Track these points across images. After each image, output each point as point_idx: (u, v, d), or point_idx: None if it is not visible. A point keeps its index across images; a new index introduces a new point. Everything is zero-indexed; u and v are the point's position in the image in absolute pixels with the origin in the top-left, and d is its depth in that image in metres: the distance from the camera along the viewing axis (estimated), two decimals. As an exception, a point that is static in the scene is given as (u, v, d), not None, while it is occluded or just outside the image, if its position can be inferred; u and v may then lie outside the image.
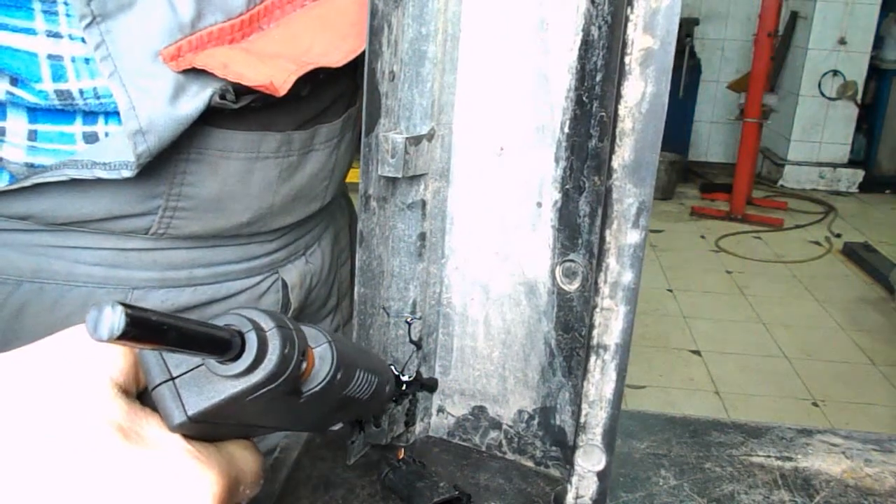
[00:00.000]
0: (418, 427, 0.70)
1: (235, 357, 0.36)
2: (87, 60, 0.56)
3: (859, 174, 6.38)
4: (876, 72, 6.26)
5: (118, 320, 0.28)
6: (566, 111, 0.59)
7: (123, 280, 0.67)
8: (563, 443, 0.65)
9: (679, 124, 6.61)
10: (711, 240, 5.13)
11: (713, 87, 6.83)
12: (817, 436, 0.74)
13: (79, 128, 0.60)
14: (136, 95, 0.56)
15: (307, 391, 0.42)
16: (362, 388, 0.48)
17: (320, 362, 0.42)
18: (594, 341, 0.53)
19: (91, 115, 0.60)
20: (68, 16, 0.55)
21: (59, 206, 0.62)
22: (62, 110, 0.59)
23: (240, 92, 0.60)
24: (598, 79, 0.56)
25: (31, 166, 0.60)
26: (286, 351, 0.37)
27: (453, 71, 0.61)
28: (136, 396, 0.39)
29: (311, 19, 0.64)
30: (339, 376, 0.43)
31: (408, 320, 0.66)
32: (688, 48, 6.40)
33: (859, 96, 6.17)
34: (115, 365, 0.38)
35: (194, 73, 0.58)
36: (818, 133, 6.34)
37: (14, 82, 0.57)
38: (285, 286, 0.78)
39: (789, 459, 0.70)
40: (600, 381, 0.53)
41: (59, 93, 0.57)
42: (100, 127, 0.60)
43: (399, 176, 0.58)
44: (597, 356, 0.53)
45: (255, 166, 0.67)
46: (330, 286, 0.88)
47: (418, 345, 0.67)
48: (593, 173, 0.58)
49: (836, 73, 6.14)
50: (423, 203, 0.63)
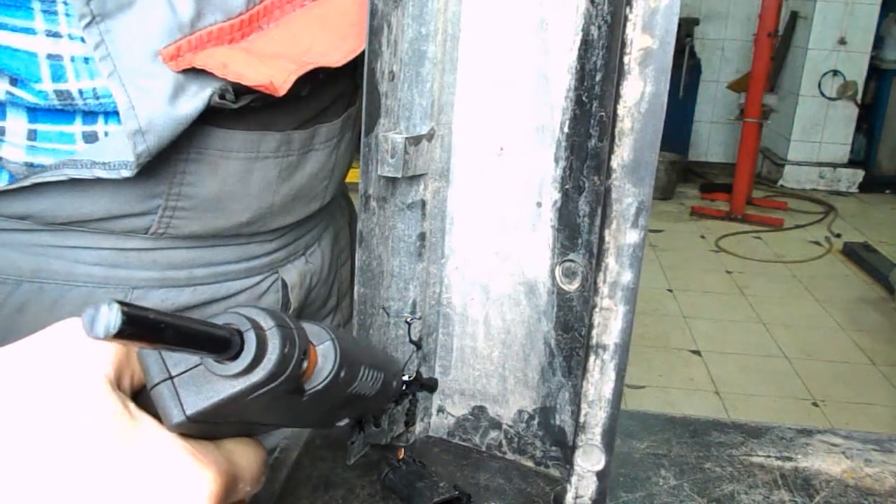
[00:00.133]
0: (418, 427, 0.70)
1: (234, 356, 0.35)
2: (87, 60, 0.56)
3: (859, 174, 6.38)
4: (876, 72, 6.26)
5: (115, 318, 0.28)
6: (566, 111, 0.59)
7: (123, 280, 0.67)
8: (562, 443, 0.65)
9: (679, 124, 6.61)
10: (711, 240, 5.13)
11: (713, 87, 6.83)
12: (817, 436, 0.74)
13: (78, 127, 0.60)
14: (135, 95, 0.56)
15: (310, 389, 0.41)
16: (368, 385, 0.48)
17: (323, 360, 0.42)
18: (593, 341, 0.53)
19: (91, 115, 0.60)
20: (68, 15, 0.55)
21: (58, 206, 0.62)
22: (62, 110, 0.59)
23: (239, 92, 0.60)
24: (598, 78, 0.56)
25: (30, 166, 0.60)
26: (286, 350, 0.37)
27: (453, 71, 0.61)
28: (135, 395, 0.39)
29: (310, 19, 0.64)
30: (342, 374, 0.43)
31: (408, 320, 0.66)
32: (688, 48, 6.40)
33: (859, 96, 6.17)
34: (110, 360, 0.37)
35: (194, 72, 0.58)
36: (818, 133, 6.34)
37: (14, 82, 0.57)
38: (285, 286, 0.78)
39: (789, 459, 0.70)
40: (599, 381, 0.53)
41: (58, 93, 0.57)
42: (99, 126, 0.60)
43: (399, 176, 0.58)
44: (596, 356, 0.53)
45: (255, 166, 0.67)
46: (330, 286, 0.88)
47: (418, 345, 0.67)
48: (593, 173, 0.58)
49: (836, 73, 6.14)
50: (423, 203, 0.63)
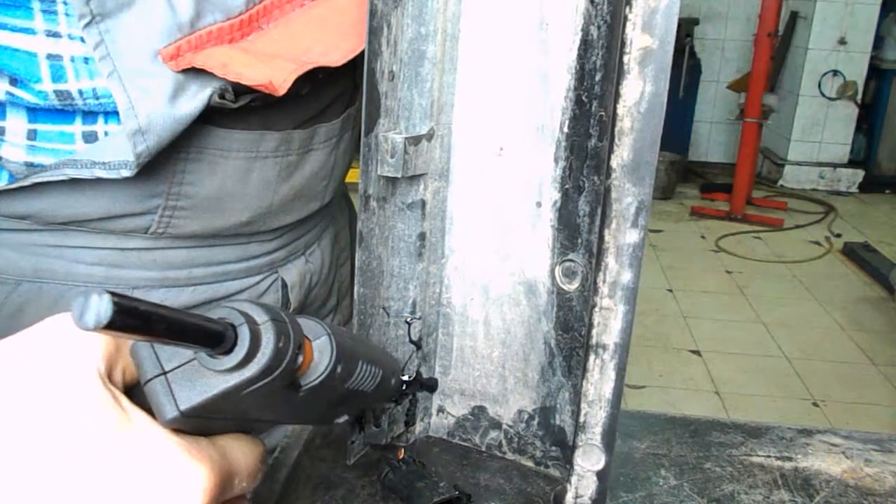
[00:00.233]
0: (418, 427, 0.70)
1: (228, 351, 0.35)
2: (87, 60, 0.56)
3: (859, 174, 6.38)
4: (876, 72, 6.26)
5: (105, 308, 0.27)
6: (565, 111, 0.59)
7: (123, 279, 0.67)
8: (562, 442, 0.65)
9: (679, 124, 6.61)
10: (711, 240, 5.13)
11: (713, 87, 6.83)
12: (817, 436, 0.74)
13: (78, 127, 0.60)
14: (135, 95, 0.56)
15: (306, 385, 0.41)
16: (366, 381, 0.48)
17: (319, 355, 0.41)
18: (593, 341, 0.53)
19: (90, 115, 0.60)
20: (67, 15, 0.55)
21: (58, 206, 0.62)
22: (62, 110, 0.59)
23: (239, 91, 0.60)
24: (598, 78, 0.56)
25: (30, 165, 0.60)
26: (280, 345, 0.36)
27: (453, 71, 0.61)
28: (128, 391, 0.39)
29: (310, 19, 0.64)
30: (339, 369, 0.42)
31: (407, 320, 0.66)
32: (688, 48, 6.40)
33: (859, 96, 6.17)
34: (101, 355, 0.37)
35: (193, 72, 0.58)
36: (818, 133, 6.34)
37: (14, 82, 0.57)
38: (285, 286, 0.78)
39: (789, 459, 0.70)
40: (599, 381, 0.53)
41: (58, 93, 0.57)
42: (99, 126, 0.60)
43: (399, 176, 0.58)
44: (596, 355, 0.53)
45: (255, 165, 0.67)
46: (330, 286, 0.88)
47: (418, 345, 0.67)
48: (592, 173, 0.58)
49: (836, 73, 6.14)
50: (423, 203, 0.63)
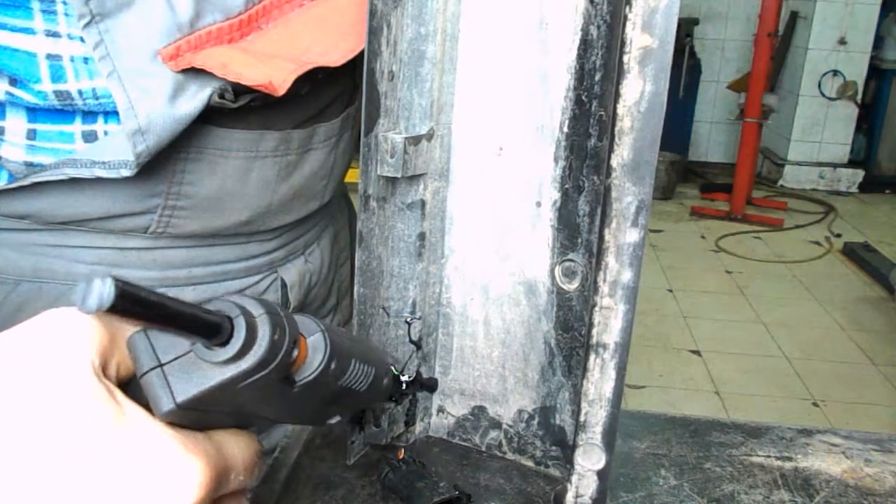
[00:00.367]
0: (418, 427, 0.70)
1: (224, 342, 0.35)
2: (86, 60, 0.56)
3: (859, 174, 6.38)
4: (876, 72, 6.26)
5: (108, 292, 0.28)
6: (565, 111, 0.58)
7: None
8: (562, 442, 0.65)
9: (679, 124, 6.61)
10: (711, 240, 5.13)
11: (713, 87, 6.83)
12: (817, 436, 0.74)
13: (78, 127, 0.60)
14: (135, 95, 0.56)
15: (300, 380, 0.41)
16: (359, 379, 0.48)
17: (313, 351, 0.42)
18: (594, 340, 0.53)
19: (90, 115, 0.60)
20: (67, 15, 0.55)
21: (58, 205, 0.62)
22: (61, 110, 0.59)
23: (239, 91, 0.60)
24: (597, 78, 0.56)
25: (30, 165, 0.60)
26: (276, 337, 0.36)
27: (452, 71, 0.61)
28: (123, 386, 0.38)
29: (309, 19, 0.64)
30: (332, 366, 0.43)
31: (407, 320, 0.66)
32: (688, 48, 6.40)
33: (859, 96, 6.17)
34: (95, 349, 0.37)
35: (193, 72, 0.58)
36: (818, 133, 6.34)
37: (13, 82, 0.57)
38: (284, 285, 0.78)
39: (789, 459, 0.70)
40: (600, 380, 0.53)
41: (58, 93, 0.57)
42: (99, 126, 0.60)
43: (398, 176, 0.58)
44: (596, 355, 0.53)
45: (254, 165, 0.67)
46: (329, 286, 0.88)
47: (418, 345, 0.67)
48: (592, 172, 0.58)
49: (836, 73, 6.14)
50: (423, 203, 0.63)
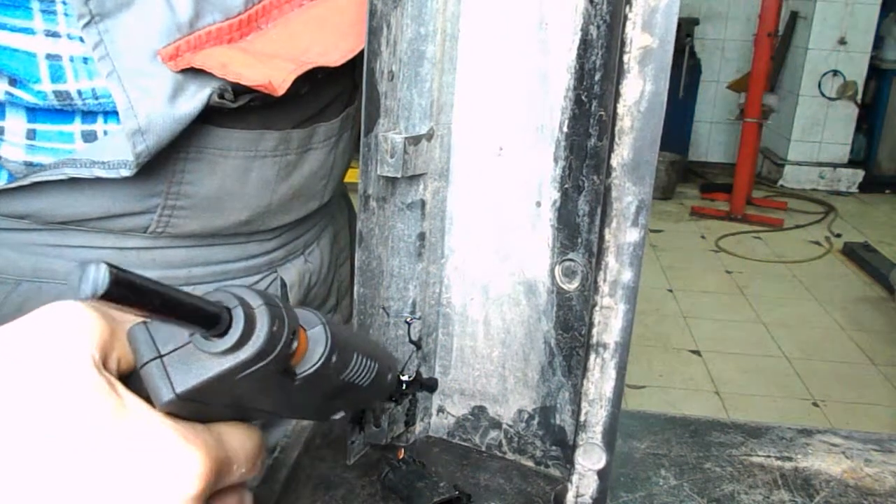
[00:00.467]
0: (418, 427, 0.70)
1: (223, 333, 0.35)
2: (86, 60, 0.56)
3: (859, 174, 6.38)
4: (876, 72, 6.26)
5: (102, 278, 0.28)
6: (565, 110, 0.58)
7: None
8: (563, 442, 0.65)
9: (679, 124, 6.61)
10: (711, 240, 5.13)
11: (713, 87, 6.83)
12: (817, 436, 0.74)
13: (77, 127, 0.60)
14: (134, 95, 0.56)
15: (301, 373, 0.41)
16: (361, 374, 0.48)
17: (314, 344, 0.41)
18: (594, 340, 0.53)
19: (90, 115, 0.60)
20: (67, 15, 0.55)
21: (57, 205, 0.62)
22: (61, 110, 0.59)
23: (238, 91, 0.60)
24: (597, 78, 0.56)
25: (29, 165, 0.60)
26: (274, 328, 0.36)
27: (452, 71, 0.61)
28: (124, 379, 0.39)
29: (309, 19, 0.64)
30: (334, 359, 0.42)
31: (407, 320, 0.66)
32: (688, 48, 6.40)
33: (859, 96, 6.17)
34: (94, 342, 0.37)
35: (193, 72, 0.58)
36: (818, 133, 6.34)
37: (13, 83, 0.57)
38: (284, 285, 0.78)
39: (789, 459, 0.70)
40: (600, 380, 0.53)
41: (57, 93, 0.57)
42: (99, 126, 0.60)
43: (398, 176, 0.58)
44: (596, 354, 0.53)
45: (254, 165, 0.67)
46: (329, 286, 0.88)
47: (418, 345, 0.67)
48: (592, 172, 0.58)
49: (836, 73, 6.14)
50: (423, 203, 0.63)
